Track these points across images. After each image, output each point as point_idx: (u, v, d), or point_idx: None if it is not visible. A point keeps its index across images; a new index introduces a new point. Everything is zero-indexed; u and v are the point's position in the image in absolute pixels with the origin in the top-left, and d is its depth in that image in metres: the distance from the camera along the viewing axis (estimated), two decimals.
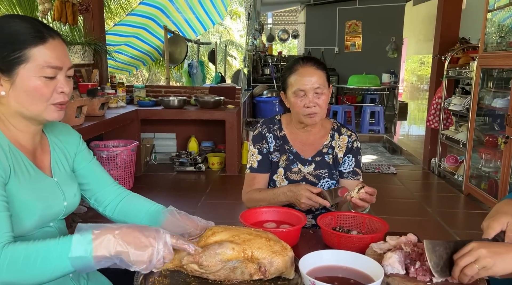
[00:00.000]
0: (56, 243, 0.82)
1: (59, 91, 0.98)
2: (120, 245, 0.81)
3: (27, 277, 0.81)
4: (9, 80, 0.94)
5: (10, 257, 0.80)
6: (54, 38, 0.97)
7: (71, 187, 1.11)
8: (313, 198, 1.38)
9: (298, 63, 1.52)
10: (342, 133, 1.63)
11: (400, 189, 4.09)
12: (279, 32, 10.07)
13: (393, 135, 6.84)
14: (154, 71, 11.19)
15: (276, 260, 0.94)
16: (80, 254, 0.80)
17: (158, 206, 1.19)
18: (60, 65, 0.96)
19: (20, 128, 1.00)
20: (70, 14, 3.54)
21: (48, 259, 0.81)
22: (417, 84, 10.61)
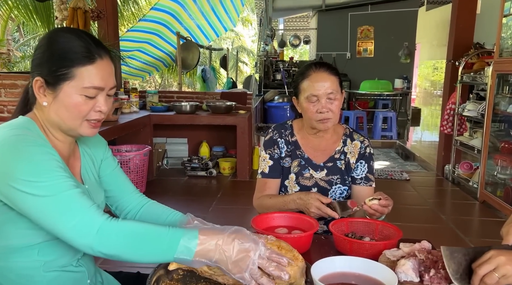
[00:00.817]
0: (167, 232, 0.86)
1: (97, 110, 0.99)
2: (220, 253, 0.85)
3: (134, 253, 0.86)
4: (52, 94, 0.97)
5: (127, 228, 0.86)
6: (103, 58, 0.97)
7: (100, 193, 1.13)
8: (322, 209, 1.37)
9: (311, 69, 1.52)
10: (354, 138, 1.62)
11: (413, 196, 4.03)
12: (290, 37, 10.09)
13: (406, 141, 6.76)
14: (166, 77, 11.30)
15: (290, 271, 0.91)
16: (183, 257, 0.85)
17: (176, 214, 1.18)
18: (103, 86, 0.97)
19: (58, 138, 1.03)
20: (82, 21, 3.60)
21: (158, 244, 0.85)
22: (430, 90, 10.50)
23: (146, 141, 4.05)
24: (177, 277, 1.01)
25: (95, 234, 0.84)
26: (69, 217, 0.85)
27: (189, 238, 0.86)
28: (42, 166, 0.88)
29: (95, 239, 0.84)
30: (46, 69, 0.96)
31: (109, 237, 0.84)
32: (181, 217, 1.16)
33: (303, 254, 1.17)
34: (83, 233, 0.84)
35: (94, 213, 0.86)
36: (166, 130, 4.72)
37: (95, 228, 0.84)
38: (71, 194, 0.87)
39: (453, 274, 0.89)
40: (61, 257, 1.00)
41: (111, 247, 0.85)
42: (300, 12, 10.68)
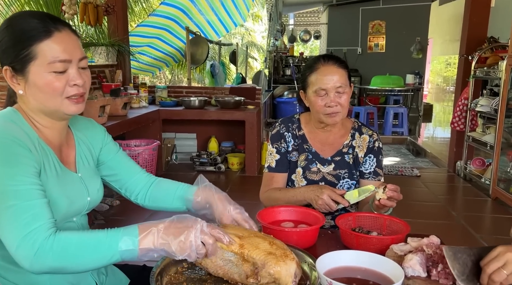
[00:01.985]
0: (106, 234, 0.86)
1: (72, 84, 0.97)
2: (162, 237, 0.85)
3: (76, 264, 0.85)
4: (23, 79, 0.95)
5: (63, 244, 0.84)
6: (61, 31, 0.95)
7: (95, 182, 1.12)
8: (332, 196, 1.34)
9: (319, 62, 1.49)
10: (363, 132, 1.59)
11: (423, 192, 3.98)
12: (300, 33, 10.02)
13: (417, 138, 6.67)
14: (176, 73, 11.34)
15: (269, 263, 0.89)
16: (128, 248, 0.85)
17: (184, 187, 1.18)
18: (68, 58, 0.95)
19: (45, 125, 1.01)
20: (93, 16, 3.62)
21: (98, 249, 0.85)
22: (443, 85, 10.35)
23: (155, 136, 4.06)
24: (181, 269, 1.01)
25: (33, 257, 0.82)
26: (12, 239, 0.83)
27: (129, 231, 0.86)
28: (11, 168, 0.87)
29: (33, 261, 0.83)
30: (10, 56, 0.94)
31: (47, 257, 0.83)
32: (188, 187, 1.16)
33: (309, 248, 1.16)
34: (23, 257, 0.83)
35: (35, 234, 0.83)
36: (175, 126, 4.73)
37: (33, 251, 0.82)
38: (23, 207, 0.85)
39: (458, 275, 0.87)
40: None
41: (50, 265, 0.84)
42: (310, 7, 10.60)
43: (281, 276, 0.88)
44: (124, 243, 0.85)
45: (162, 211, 1.20)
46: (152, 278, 0.94)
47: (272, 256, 0.90)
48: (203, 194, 1.11)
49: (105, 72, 4.00)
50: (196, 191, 1.13)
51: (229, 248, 0.92)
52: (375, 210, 1.37)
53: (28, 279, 0.99)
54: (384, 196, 1.28)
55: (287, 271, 0.88)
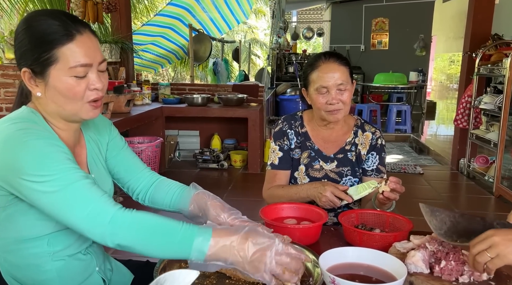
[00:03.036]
0: (181, 227, 0.84)
1: (92, 88, 0.96)
2: (235, 255, 0.83)
3: (147, 245, 0.85)
4: (43, 82, 0.94)
5: (140, 218, 0.84)
6: (82, 33, 0.93)
7: (107, 182, 1.12)
8: (336, 192, 1.34)
9: (320, 59, 1.49)
10: (365, 130, 1.59)
11: (426, 190, 3.97)
12: (303, 30, 9.99)
13: (420, 135, 6.66)
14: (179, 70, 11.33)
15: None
16: (195, 260, 0.83)
17: (181, 189, 1.16)
18: (90, 62, 0.94)
19: (61, 127, 1.01)
20: (92, 13, 3.62)
21: (173, 239, 0.83)
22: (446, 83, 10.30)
23: (158, 133, 4.07)
24: (184, 265, 1.01)
25: (108, 224, 0.82)
26: (81, 208, 0.84)
27: (202, 240, 0.83)
28: (50, 159, 0.87)
29: (108, 229, 0.83)
30: (30, 58, 0.92)
31: (122, 228, 0.83)
32: (184, 191, 1.14)
33: (312, 245, 1.16)
34: (96, 223, 0.83)
35: (106, 203, 0.85)
36: (178, 123, 4.74)
37: (107, 217, 0.83)
38: (81, 185, 0.86)
39: (435, 229, 0.92)
40: (70, 246, 1.00)
41: (124, 237, 0.83)
42: (313, 4, 10.56)
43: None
44: (195, 255, 0.83)
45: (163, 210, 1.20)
46: (155, 273, 0.95)
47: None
48: (196, 201, 1.08)
49: (109, 70, 4.01)
50: (191, 199, 1.10)
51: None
52: (377, 207, 1.37)
53: (35, 277, 0.99)
54: (387, 188, 1.27)
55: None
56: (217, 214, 1.03)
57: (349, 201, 1.34)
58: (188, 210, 1.10)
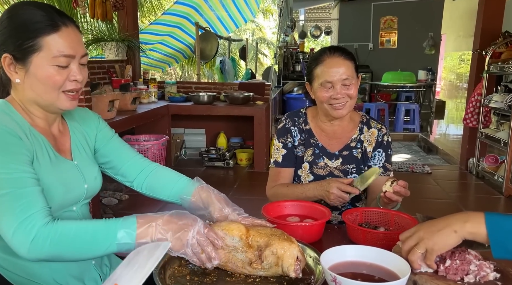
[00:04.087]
0: (104, 224, 0.87)
1: (72, 79, 0.98)
2: (160, 232, 0.87)
3: (73, 252, 0.86)
4: (23, 68, 0.95)
5: (61, 231, 0.84)
6: (67, 26, 0.96)
7: (92, 169, 1.12)
8: (341, 187, 1.32)
9: (325, 54, 1.46)
10: (371, 126, 1.56)
11: (434, 189, 3.92)
12: (311, 28, 9.94)
13: (429, 135, 6.58)
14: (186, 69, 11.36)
15: (272, 242, 0.92)
16: (126, 241, 0.86)
17: (184, 181, 1.16)
18: (73, 53, 0.96)
19: (38, 116, 1.02)
20: (101, 11, 3.64)
21: (95, 238, 0.86)
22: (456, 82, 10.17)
23: (164, 131, 4.08)
24: (185, 262, 1.00)
25: (30, 244, 0.82)
26: (8, 226, 0.83)
27: (127, 224, 0.87)
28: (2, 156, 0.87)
29: (30, 248, 0.83)
30: (12, 45, 0.94)
31: (44, 245, 0.83)
32: (185, 185, 1.14)
33: (314, 243, 1.14)
34: (20, 243, 0.83)
35: (32, 220, 0.83)
36: (185, 121, 4.74)
37: (30, 237, 0.82)
38: (17, 194, 0.85)
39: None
40: None
41: (47, 252, 0.84)
42: (321, 2, 10.51)
43: (284, 255, 0.90)
44: (122, 235, 0.86)
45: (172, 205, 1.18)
46: (155, 270, 0.94)
47: (275, 237, 0.93)
48: (200, 194, 1.09)
49: (115, 68, 4.02)
50: (194, 191, 1.10)
51: (235, 233, 0.93)
52: (382, 206, 1.35)
53: (29, 271, 0.99)
54: (390, 189, 1.25)
55: (290, 252, 0.90)
56: (222, 207, 1.06)
57: (356, 192, 1.32)
58: (190, 201, 1.10)
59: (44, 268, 1.00)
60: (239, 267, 0.95)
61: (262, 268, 0.93)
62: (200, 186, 1.11)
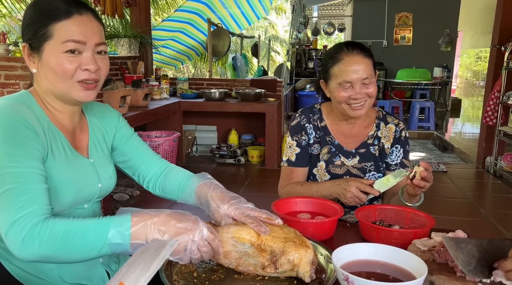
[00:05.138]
0: (96, 223, 0.81)
1: (83, 68, 0.95)
2: (157, 233, 0.80)
3: (64, 253, 0.81)
4: (38, 57, 0.95)
5: (50, 231, 0.80)
6: (82, 14, 0.94)
7: (107, 168, 1.10)
8: (361, 187, 1.27)
9: (342, 51, 1.38)
10: (388, 122, 1.51)
11: (450, 188, 3.83)
12: (324, 25, 9.85)
13: (444, 133, 6.45)
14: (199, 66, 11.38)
15: (288, 250, 0.87)
16: (118, 241, 0.80)
17: (188, 180, 1.11)
18: (83, 39, 0.93)
19: (57, 108, 1.00)
20: (111, 7, 3.65)
21: (86, 238, 0.80)
22: (473, 80, 9.96)
23: (176, 128, 4.07)
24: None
25: (20, 244, 0.79)
26: (3, 223, 0.80)
27: (120, 222, 0.80)
28: (14, 148, 0.85)
29: (21, 248, 0.79)
30: (29, 33, 0.94)
31: (33, 245, 0.79)
32: (192, 182, 1.09)
33: (326, 241, 1.11)
34: (11, 242, 0.80)
35: (25, 219, 0.80)
36: (196, 118, 4.73)
37: (21, 237, 0.79)
38: (20, 189, 0.82)
39: (464, 265, 0.80)
40: None
41: (37, 253, 0.80)
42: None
43: (300, 262, 0.87)
44: (113, 235, 0.79)
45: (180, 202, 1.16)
46: (161, 266, 0.91)
47: (291, 243, 0.88)
48: (198, 193, 1.04)
49: (127, 64, 4.03)
50: (194, 192, 1.06)
51: (246, 239, 0.89)
52: (406, 201, 1.30)
53: (36, 268, 0.98)
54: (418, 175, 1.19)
55: (306, 259, 0.87)
56: (217, 206, 0.98)
57: (376, 194, 1.28)
58: (193, 202, 1.07)
59: (50, 264, 0.98)
60: (250, 270, 0.92)
61: (276, 273, 0.90)
62: (198, 185, 1.05)
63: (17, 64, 2.63)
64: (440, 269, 0.87)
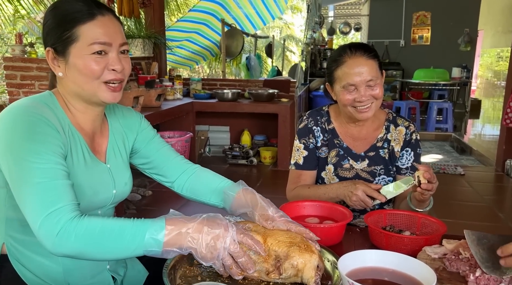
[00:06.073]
0: (131, 225, 0.83)
1: (110, 68, 0.96)
2: (190, 241, 0.82)
3: (98, 250, 0.82)
4: (64, 61, 0.96)
5: (86, 227, 0.81)
6: (104, 15, 0.96)
7: (123, 174, 1.10)
8: (368, 191, 1.24)
9: (345, 53, 1.36)
10: (398, 124, 1.47)
11: (467, 191, 3.73)
12: (340, 25, 9.76)
13: (463, 134, 6.31)
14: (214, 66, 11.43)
15: (292, 254, 0.86)
16: (152, 248, 0.82)
17: (224, 183, 1.13)
18: (108, 41, 0.95)
19: (80, 110, 1.01)
20: (127, 7, 3.68)
21: (121, 238, 0.82)
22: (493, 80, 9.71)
23: (188, 128, 4.09)
24: (197, 262, 0.97)
25: (55, 237, 0.80)
26: (36, 217, 0.81)
27: (155, 229, 0.82)
28: (38, 145, 0.86)
29: (55, 242, 0.80)
30: (53, 38, 0.95)
31: (68, 240, 0.80)
32: (227, 187, 1.09)
33: (334, 246, 1.08)
34: (46, 236, 0.81)
35: (59, 213, 0.81)
36: (209, 118, 4.74)
37: (56, 230, 0.80)
38: (49, 185, 0.84)
39: (482, 261, 0.79)
40: None
41: (71, 248, 0.81)
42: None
43: (305, 267, 0.85)
44: (149, 243, 0.82)
45: (195, 202, 1.16)
46: (165, 270, 0.90)
47: (296, 247, 0.87)
48: (245, 194, 1.04)
49: (141, 64, 4.07)
50: (239, 190, 1.05)
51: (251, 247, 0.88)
52: (415, 206, 1.26)
53: (44, 270, 0.98)
54: (423, 179, 1.16)
55: (311, 264, 0.85)
56: (267, 207, 1.00)
57: (382, 200, 1.24)
58: (234, 197, 1.05)
59: (58, 267, 0.98)
60: (255, 276, 0.90)
61: (280, 279, 0.88)
62: (245, 188, 1.06)
63: (32, 65, 2.67)
64: (450, 278, 0.84)
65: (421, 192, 1.18)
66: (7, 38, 8.16)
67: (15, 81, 2.77)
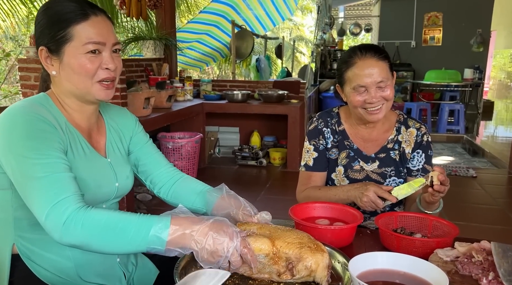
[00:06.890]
0: (137, 220, 0.84)
1: (104, 67, 0.99)
2: (193, 243, 0.83)
3: (102, 242, 0.84)
4: (58, 59, 0.98)
5: (92, 218, 0.83)
6: (97, 15, 0.98)
7: (124, 168, 1.12)
8: (379, 192, 1.24)
9: (355, 55, 1.36)
10: (409, 126, 1.46)
11: (479, 194, 3.68)
12: (351, 26, 9.72)
13: (475, 136, 6.23)
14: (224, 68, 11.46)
15: (305, 256, 0.86)
16: (155, 246, 0.83)
17: (208, 187, 1.17)
18: (102, 40, 0.97)
19: (75, 108, 1.03)
20: (135, 9, 3.71)
21: (126, 232, 0.83)
22: (507, 81, 9.58)
23: (198, 129, 4.11)
24: None
25: (62, 226, 0.82)
26: (42, 208, 0.84)
27: (160, 227, 0.83)
28: (37, 142, 0.88)
29: (62, 231, 0.83)
30: (47, 37, 0.97)
31: (75, 229, 0.82)
32: (209, 189, 1.13)
33: (344, 248, 1.08)
34: (53, 225, 0.83)
35: (65, 203, 0.84)
36: (219, 119, 4.76)
37: (62, 220, 0.82)
38: (52, 178, 0.86)
39: (504, 274, 0.77)
40: None
41: (76, 238, 0.83)
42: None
43: (318, 268, 0.86)
44: (152, 240, 0.83)
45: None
46: (176, 270, 0.91)
47: (307, 248, 0.87)
48: (229, 196, 1.08)
49: (152, 66, 4.10)
50: (223, 193, 1.09)
51: (262, 250, 0.88)
52: (424, 208, 1.25)
53: (56, 265, 1.00)
54: (436, 180, 1.16)
55: (323, 264, 0.86)
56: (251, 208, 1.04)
57: (393, 201, 1.24)
58: (218, 198, 1.09)
59: (69, 263, 1.00)
60: (266, 277, 0.91)
61: (292, 279, 0.89)
62: (228, 191, 1.10)
63: None
64: (463, 282, 0.83)
65: (432, 193, 1.18)
66: (21, 40, 8.28)
67: (29, 82, 2.81)
